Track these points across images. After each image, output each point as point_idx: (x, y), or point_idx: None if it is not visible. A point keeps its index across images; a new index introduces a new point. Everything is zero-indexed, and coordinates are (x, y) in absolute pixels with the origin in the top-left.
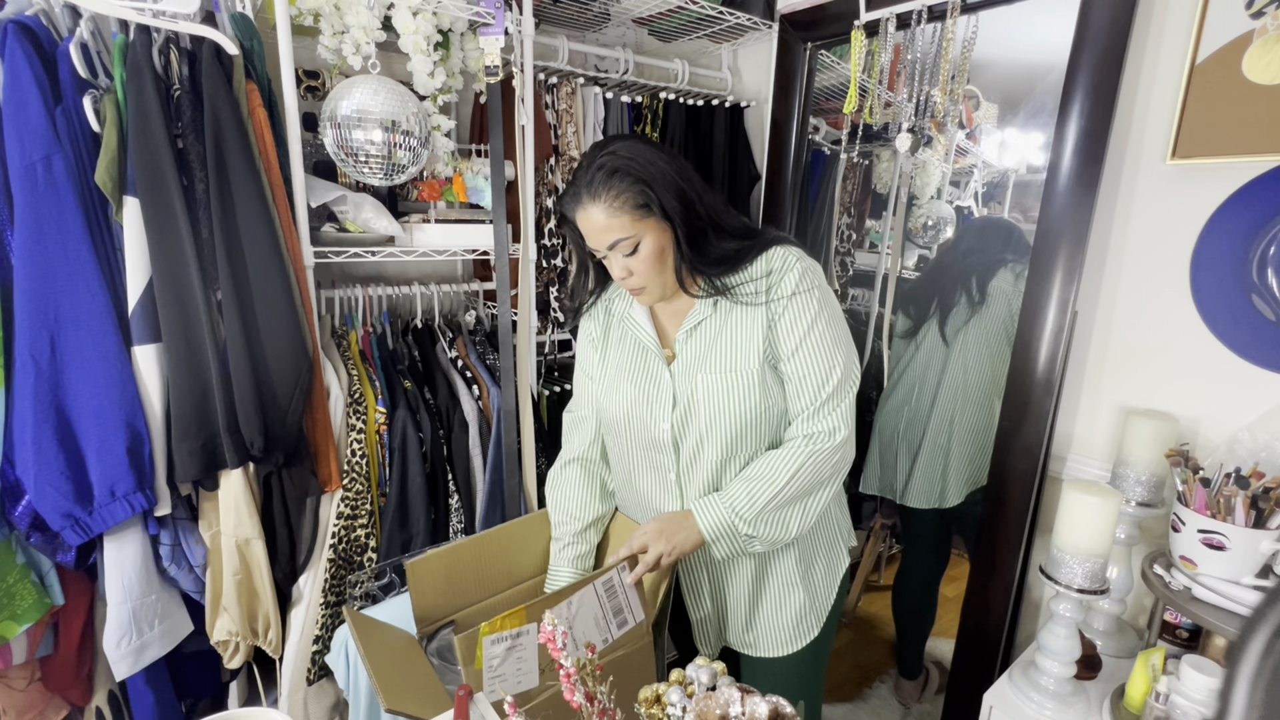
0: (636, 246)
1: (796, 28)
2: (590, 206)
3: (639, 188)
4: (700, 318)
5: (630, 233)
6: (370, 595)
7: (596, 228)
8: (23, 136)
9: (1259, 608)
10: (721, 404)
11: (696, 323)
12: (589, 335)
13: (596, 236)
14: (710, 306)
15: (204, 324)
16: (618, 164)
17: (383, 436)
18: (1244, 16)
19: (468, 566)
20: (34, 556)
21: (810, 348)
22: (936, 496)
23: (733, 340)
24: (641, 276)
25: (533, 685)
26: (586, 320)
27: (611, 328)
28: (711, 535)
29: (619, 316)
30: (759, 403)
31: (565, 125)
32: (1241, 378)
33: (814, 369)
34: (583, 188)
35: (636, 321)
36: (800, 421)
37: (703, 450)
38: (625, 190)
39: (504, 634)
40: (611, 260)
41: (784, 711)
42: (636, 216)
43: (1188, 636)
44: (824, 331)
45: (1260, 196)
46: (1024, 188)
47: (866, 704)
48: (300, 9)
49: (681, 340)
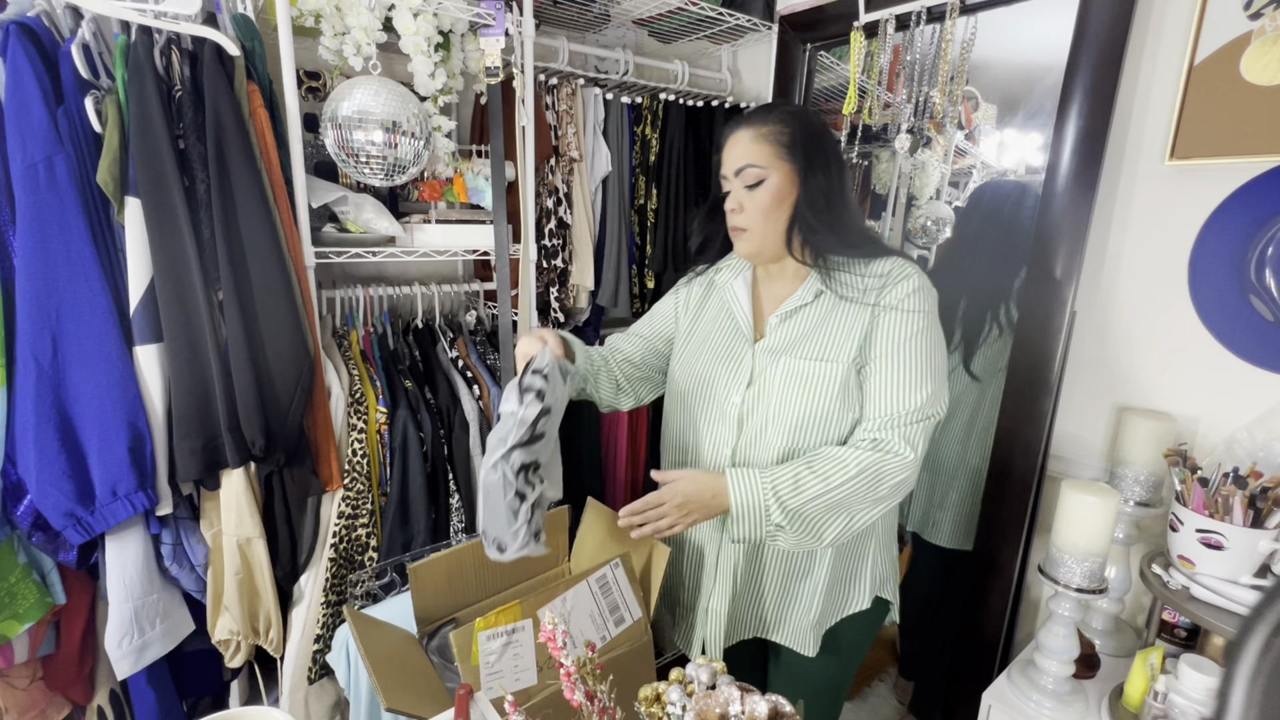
0: (760, 182)
1: (796, 29)
2: (741, 130)
3: (790, 129)
4: (800, 303)
5: (761, 163)
6: (371, 594)
7: (735, 149)
8: (25, 137)
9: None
10: (798, 390)
11: (795, 307)
12: (684, 299)
13: (731, 158)
14: (812, 295)
15: (205, 324)
16: (786, 108)
17: (383, 436)
18: (1242, 17)
19: (469, 569)
20: (36, 556)
21: (903, 359)
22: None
23: (828, 333)
24: (750, 216)
25: (531, 683)
26: (686, 285)
27: (710, 297)
28: (738, 510)
29: (720, 285)
30: (834, 399)
31: (565, 126)
32: (1239, 378)
33: (901, 381)
34: (749, 114)
35: (736, 295)
36: (872, 427)
37: (765, 433)
38: (776, 125)
39: (499, 629)
40: (730, 191)
41: (783, 710)
42: (774, 153)
43: (1186, 636)
44: (922, 351)
45: (1258, 197)
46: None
47: (866, 704)
48: (301, 10)
49: (775, 322)
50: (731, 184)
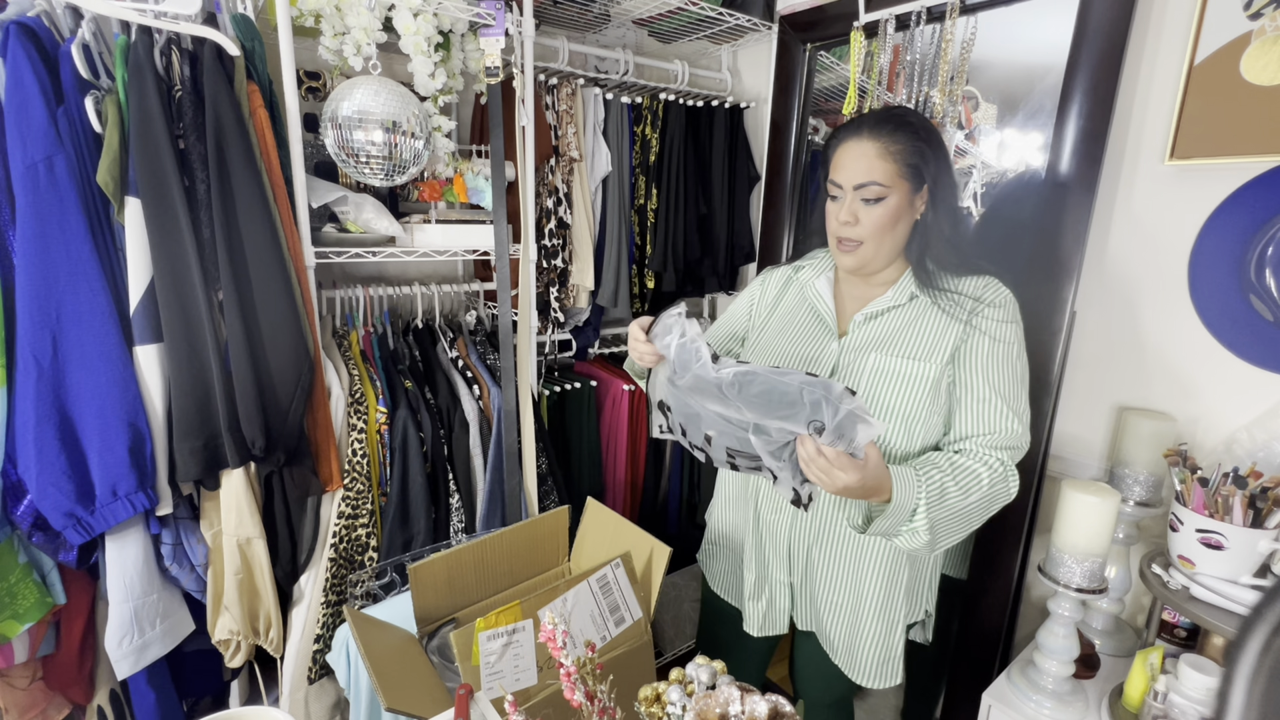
0: (880, 199)
1: (796, 29)
2: (868, 140)
3: (919, 148)
4: (889, 304)
5: (886, 182)
6: (371, 594)
7: (861, 161)
8: (25, 137)
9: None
10: (888, 386)
11: (885, 308)
12: (759, 293)
13: (853, 169)
14: (906, 298)
15: (205, 324)
16: (914, 122)
17: (383, 436)
18: (1242, 18)
19: (469, 569)
20: (36, 556)
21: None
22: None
23: (920, 335)
24: (866, 230)
25: (531, 683)
26: (762, 278)
27: (789, 291)
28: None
29: (801, 282)
30: (925, 398)
31: (565, 126)
32: (1239, 378)
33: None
34: (869, 123)
35: (819, 292)
36: (984, 443)
37: None
38: (906, 143)
39: (499, 630)
40: (844, 203)
41: (783, 710)
42: (900, 173)
43: (1186, 635)
44: (1017, 379)
45: (1258, 197)
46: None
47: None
48: (301, 10)
49: (860, 321)
50: (845, 194)
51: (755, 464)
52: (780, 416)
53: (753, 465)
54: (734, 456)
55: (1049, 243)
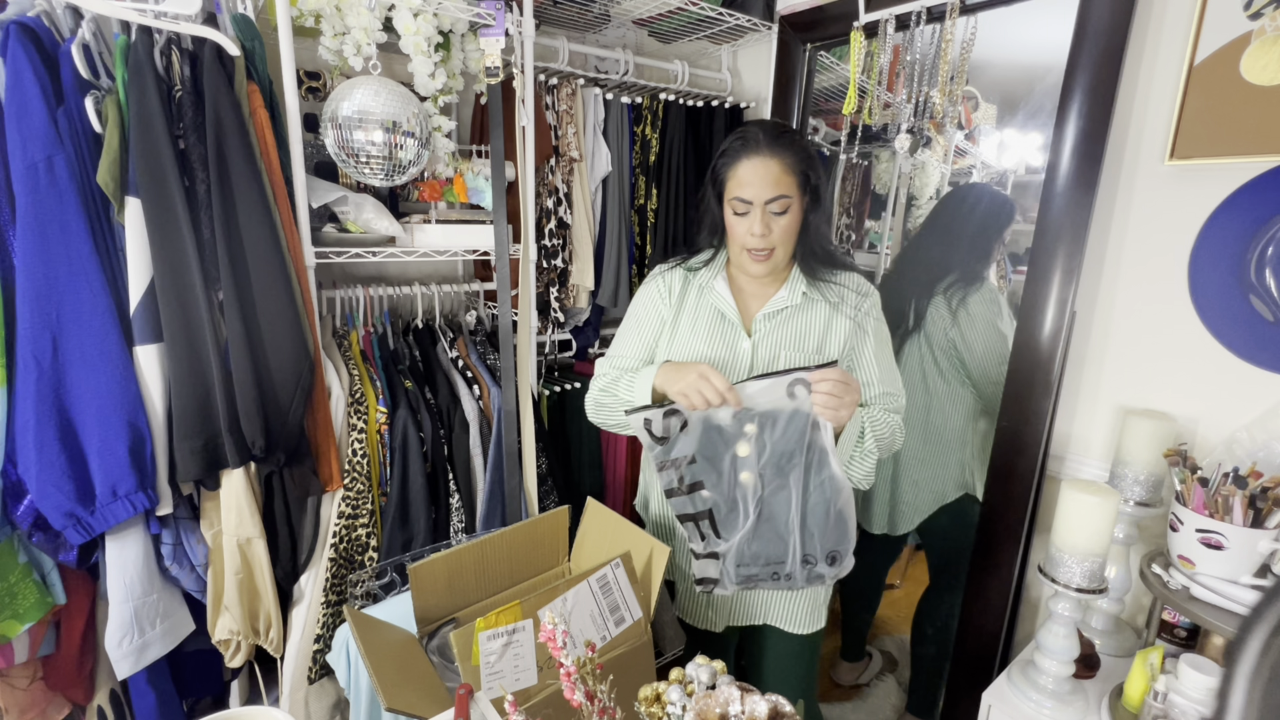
0: (786, 210)
1: (796, 29)
2: (771, 158)
3: (810, 162)
4: (785, 304)
5: (791, 193)
6: (371, 594)
7: (769, 178)
8: (25, 137)
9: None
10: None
11: (781, 308)
12: (660, 293)
13: (764, 186)
14: (798, 297)
15: (205, 324)
16: (798, 139)
17: (384, 436)
18: (1242, 18)
19: (469, 569)
20: (36, 556)
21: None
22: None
23: (817, 331)
24: (777, 238)
25: (531, 683)
26: (660, 279)
27: (689, 294)
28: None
29: (699, 285)
30: None
31: (565, 126)
32: (1239, 377)
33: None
34: (766, 141)
35: (719, 293)
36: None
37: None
38: (800, 158)
39: (499, 630)
40: (754, 217)
41: (783, 710)
42: (797, 184)
43: (1186, 635)
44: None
45: (1258, 197)
46: (1023, 188)
47: (865, 703)
48: (301, 10)
49: (762, 319)
50: (755, 209)
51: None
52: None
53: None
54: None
55: (1049, 242)
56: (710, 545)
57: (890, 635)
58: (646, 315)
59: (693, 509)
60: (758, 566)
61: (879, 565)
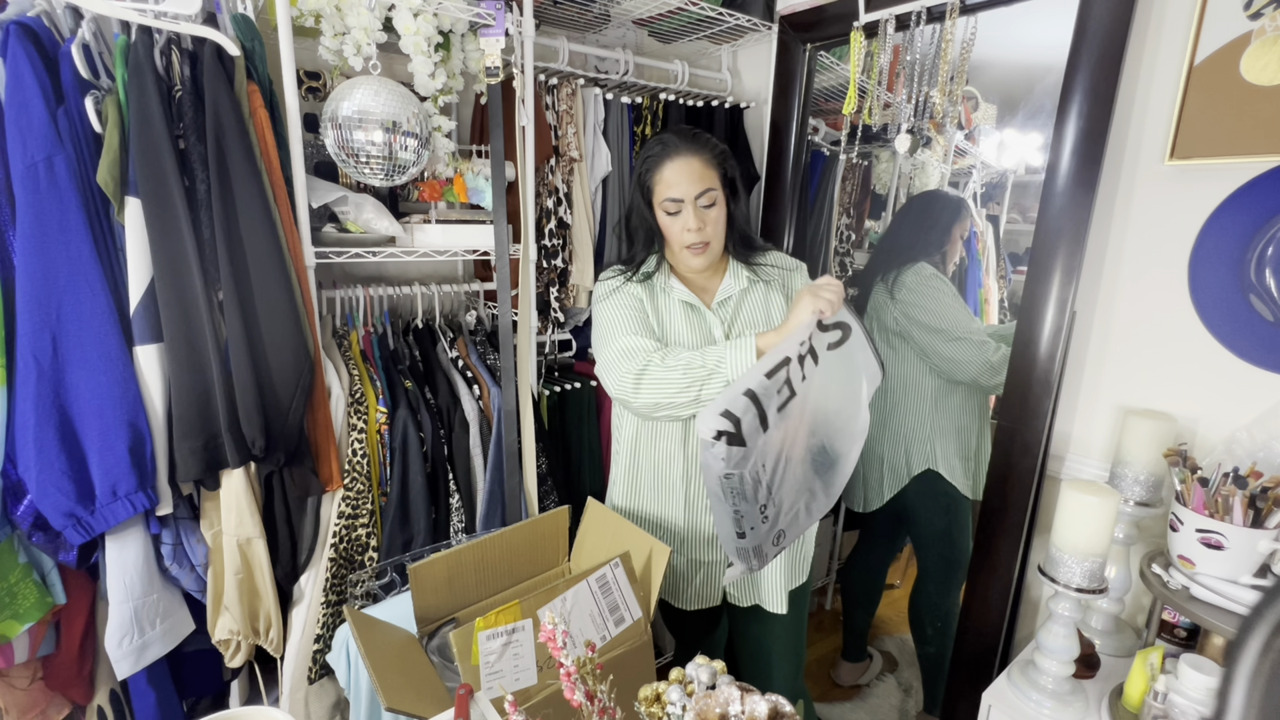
0: (714, 203)
1: (796, 29)
2: (692, 156)
3: (724, 157)
4: (731, 291)
5: (715, 187)
6: (371, 594)
7: (693, 174)
8: (25, 137)
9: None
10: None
11: (728, 295)
12: (636, 297)
13: (690, 183)
14: (743, 281)
15: (205, 324)
16: (709, 137)
17: (384, 436)
18: (1242, 18)
19: (469, 569)
20: (36, 556)
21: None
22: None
23: (764, 309)
24: (711, 230)
25: (531, 683)
26: (630, 287)
27: (656, 296)
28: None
29: (659, 287)
30: None
31: (565, 126)
32: (1239, 377)
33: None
34: (682, 143)
35: (678, 289)
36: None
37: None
38: (715, 153)
39: (499, 629)
40: (686, 213)
41: (783, 710)
42: (718, 176)
43: (1186, 635)
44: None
45: (1258, 197)
46: (1022, 188)
47: (865, 703)
48: (301, 10)
49: (717, 307)
50: (687, 205)
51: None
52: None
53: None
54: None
55: (1048, 243)
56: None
57: (890, 635)
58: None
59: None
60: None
61: (879, 565)
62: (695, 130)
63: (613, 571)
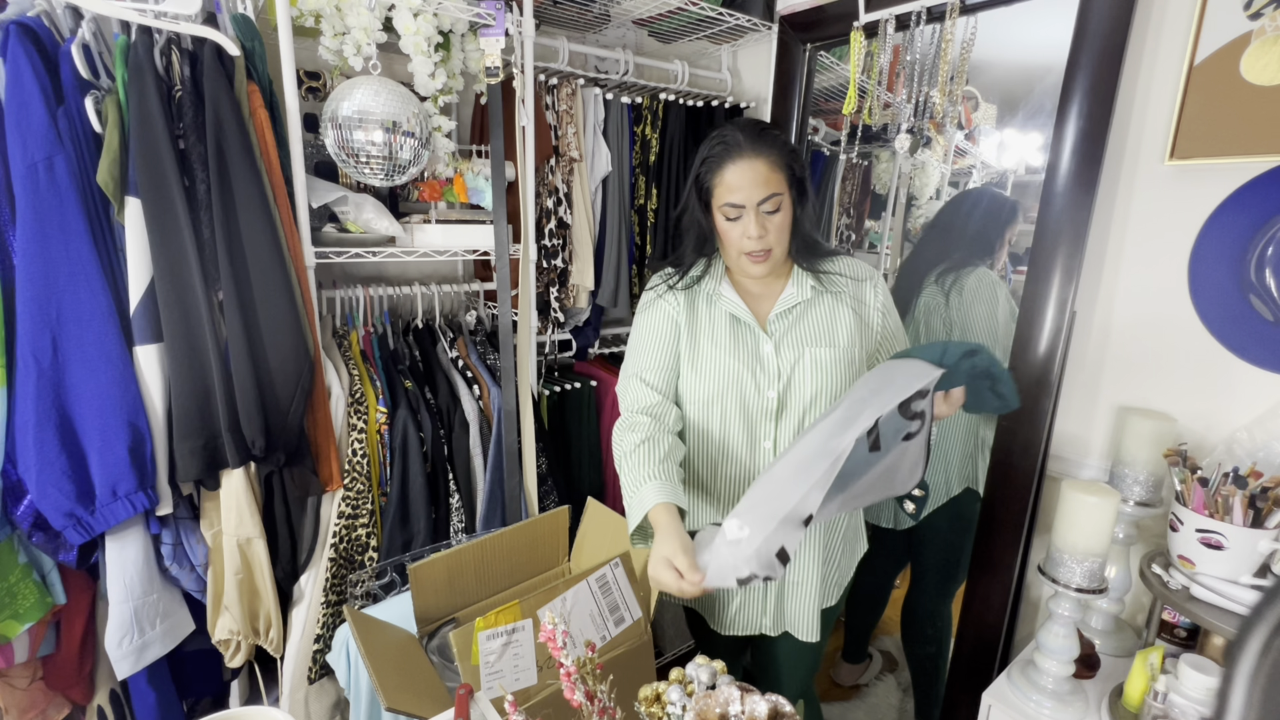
0: (779, 209)
1: (796, 29)
2: (755, 159)
3: (793, 156)
4: (795, 301)
5: (781, 191)
6: (371, 594)
7: (758, 179)
8: (25, 137)
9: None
10: (828, 376)
11: (791, 305)
12: (668, 314)
13: (754, 188)
14: (807, 291)
15: (205, 324)
16: (778, 134)
17: (384, 436)
18: (1242, 18)
19: (469, 569)
20: (36, 556)
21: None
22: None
23: (828, 323)
24: (774, 237)
25: (531, 683)
26: (669, 301)
27: (698, 306)
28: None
29: (706, 295)
30: (852, 373)
31: (565, 126)
32: (1239, 378)
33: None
34: (747, 142)
35: (729, 298)
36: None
37: (805, 420)
38: (783, 153)
39: (499, 629)
40: (748, 219)
41: (783, 710)
42: (785, 179)
43: (1186, 635)
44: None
45: (1258, 197)
46: (1023, 188)
47: (865, 702)
48: (301, 10)
49: (775, 319)
50: (748, 212)
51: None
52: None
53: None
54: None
55: (1048, 243)
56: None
57: (890, 635)
58: (661, 323)
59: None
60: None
61: (888, 570)
62: (763, 126)
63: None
